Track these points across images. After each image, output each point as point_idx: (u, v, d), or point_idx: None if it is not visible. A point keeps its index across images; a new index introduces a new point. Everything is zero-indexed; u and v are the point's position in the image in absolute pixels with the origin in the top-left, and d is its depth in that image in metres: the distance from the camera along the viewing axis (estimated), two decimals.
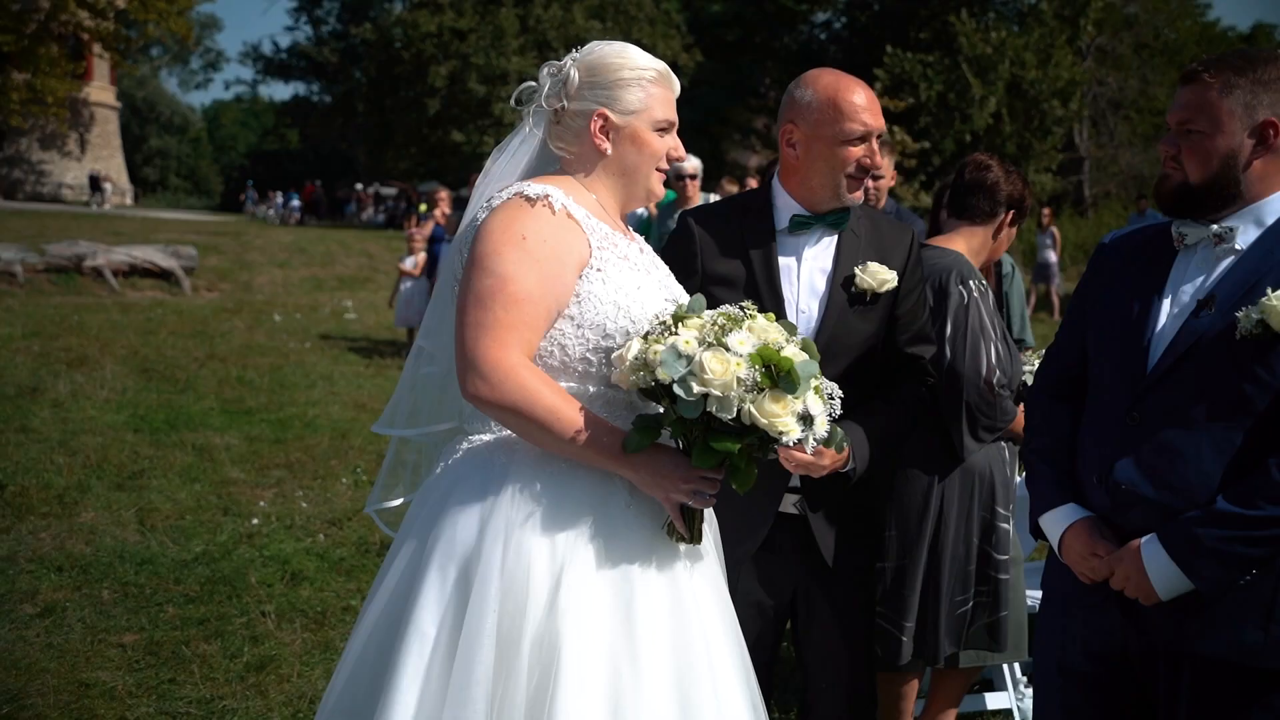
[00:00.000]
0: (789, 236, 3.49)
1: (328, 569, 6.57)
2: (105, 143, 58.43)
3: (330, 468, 8.80)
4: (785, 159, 3.53)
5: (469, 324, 2.65)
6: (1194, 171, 2.83)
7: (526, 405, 2.60)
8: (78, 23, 46.73)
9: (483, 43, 46.28)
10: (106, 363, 12.70)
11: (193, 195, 79.67)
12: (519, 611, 2.54)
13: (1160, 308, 2.89)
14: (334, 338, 16.44)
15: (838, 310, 3.44)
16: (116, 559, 6.50)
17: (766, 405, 2.51)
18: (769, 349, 2.55)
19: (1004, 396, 4.01)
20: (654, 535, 2.74)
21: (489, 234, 2.71)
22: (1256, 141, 2.79)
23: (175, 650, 5.36)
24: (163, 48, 74.08)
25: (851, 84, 3.47)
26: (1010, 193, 4.32)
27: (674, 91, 2.97)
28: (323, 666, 5.27)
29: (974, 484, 4.11)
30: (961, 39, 38.38)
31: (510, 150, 2.98)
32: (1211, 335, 2.77)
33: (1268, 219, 2.82)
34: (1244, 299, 2.74)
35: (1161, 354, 2.84)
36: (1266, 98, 2.77)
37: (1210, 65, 2.82)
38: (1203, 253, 2.88)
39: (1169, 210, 2.91)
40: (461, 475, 2.75)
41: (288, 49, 60.57)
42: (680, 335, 2.57)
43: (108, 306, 17.52)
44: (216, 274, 23.03)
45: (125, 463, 8.57)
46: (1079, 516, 2.97)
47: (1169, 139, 2.89)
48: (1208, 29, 55.19)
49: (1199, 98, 2.81)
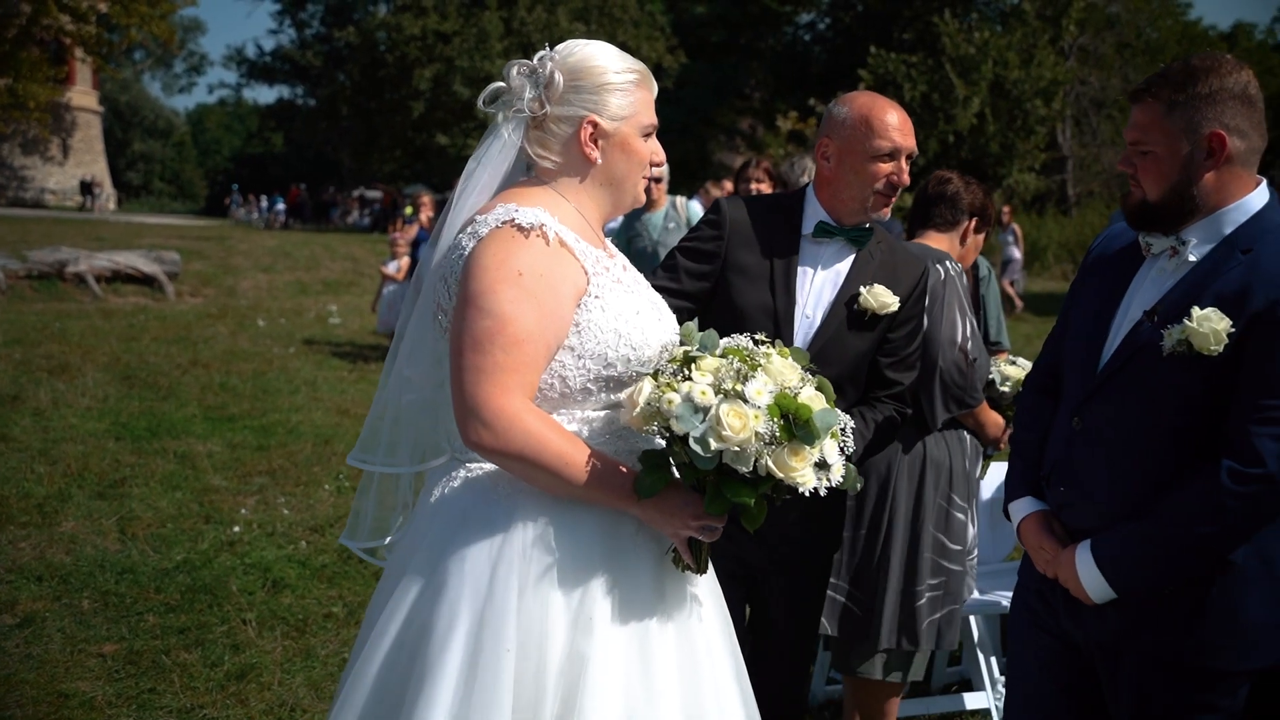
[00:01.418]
0: (811, 243, 3.67)
1: (309, 576, 6.56)
2: (88, 147, 58.27)
3: (313, 474, 8.79)
4: (820, 171, 3.72)
5: (468, 368, 2.52)
6: (1151, 189, 2.87)
7: (534, 453, 2.51)
8: (59, 27, 46.50)
9: (467, 46, 46.27)
10: (88, 370, 12.65)
11: (177, 199, 79.52)
12: (538, 653, 2.49)
13: (1118, 316, 2.96)
14: (318, 343, 16.41)
15: (837, 324, 3.61)
16: (97, 568, 6.48)
17: (785, 459, 2.45)
18: (787, 397, 2.48)
19: (976, 370, 4.21)
20: (660, 561, 2.70)
21: (483, 270, 2.56)
22: (1205, 154, 2.80)
23: (155, 659, 5.35)
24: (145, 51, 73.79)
25: (885, 105, 3.68)
26: (971, 202, 4.56)
27: (654, 93, 2.86)
28: (304, 674, 5.27)
29: (931, 470, 4.22)
30: (945, 39, 38.48)
31: (489, 159, 2.80)
32: (1147, 347, 2.82)
33: (1225, 229, 2.84)
34: (1181, 313, 2.76)
35: (1105, 363, 2.91)
36: (1209, 111, 2.78)
37: (1153, 84, 2.85)
38: (1162, 263, 2.92)
39: (1136, 226, 2.95)
40: (465, 509, 2.64)
41: (271, 52, 60.36)
42: (696, 382, 2.48)
43: (90, 313, 17.45)
44: (200, 279, 22.94)
45: (106, 471, 8.54)
46: (1034, 509, 3.09)
47: (1125, 158, 2.94)
48: (1189, 28, 55.44)
49: (1147, 118, 2.85)
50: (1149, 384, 2.81)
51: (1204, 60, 2.83)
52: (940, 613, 4.23)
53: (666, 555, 2.70)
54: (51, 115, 51.03)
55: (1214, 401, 2.74)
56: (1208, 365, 2.71)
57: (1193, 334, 2.70)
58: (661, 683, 2.58)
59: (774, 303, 3.58)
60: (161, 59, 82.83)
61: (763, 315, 3.56)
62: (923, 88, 38.57)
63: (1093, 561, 2.84)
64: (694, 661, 2.67)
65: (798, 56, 49.82)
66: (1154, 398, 2.80)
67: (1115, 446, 2.87)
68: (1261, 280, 2.70)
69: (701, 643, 2.70)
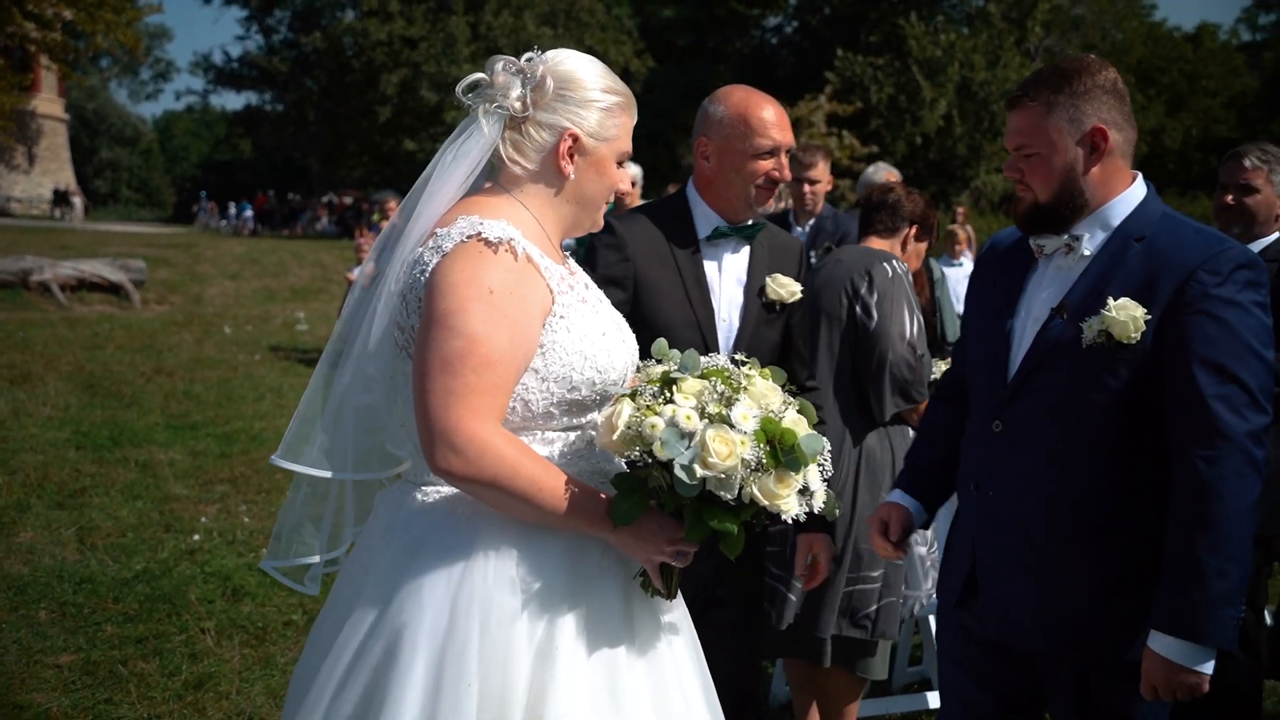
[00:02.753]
0: (708, 245, 3.64)
1: (269, 584, 6.52)
2: (54, 155, 57.81)
3: (275, 481, 8.74)
4: (700, 170, 3.67)
5: (435, 390, 2.38)
6: (1041, 191, 2.91)
7: (507, 479, 2.39)
8: (24, 35, 46.05)
9: (434, 50, 46.17)
10: (50, 379, 12.56)
11: (145, 207, 78.90)
12: (501, 687, 2.39)
13: (1020, 317, 2.99)
14: (284, 349, 16.35)
15: (754, 320, 3.62)
16: (55, 579, 6.43)
17: (770, 486, 2.36)
18: (772, 422, 2.39)
19: (923, 364, 4.35)
20: (628, 586, 2.60)
21: (451, 288, 2.42)
22: (1089, 150, 2.87)
23: (112, 670, 5.32)
24: (112, 59, 73.36)
25: (761, 100, 3.62)
26: (911, 210, 4.72)
27: (634, 121, 2.75)
28: (262, 683, 5.25)
29: (870, 464, 4.31)
30: (911, 42, 38.74)
31: (464, 153, 2.64)
32: (1063, 343, 2.85)
33: (1113, 221, 2.91)
34: (1091, 306, 2.81)
35: (1020, 363, 2.93)
36: (1088, 106, 2.86)
37: (1030, 89, 2.91)
38: (1057, 261, 2.97)
39: (1029, 230, 2.99)
40: (421, 534, 2.51)
41: (239, 58, 59.89)
42: (679, 406, 2.38)
43: (54, 322, 17.32)
44: (167, 287, 22.82)
45: (66, 481, 8.48)
46: (894, 500, 3.29)
47: (1011, 165, 2.98)
48: (1154, 29, 55.94)
49: (1029, 121, 2.90)
50: (1069, 379, 2.84)
51: (1073, 61, 2.92)
52: (880, 603, 4.30)
53: (635, 580, 2.61)
54: (17, 123, 50.57)
55: (1133, 393, 2.77)
56: (1127, 355, 2.75)
57: (1112, 323, 2.74)
58: (630, 708, 2.50)
59: (695, 315, 3.56)
60: (128, 66, 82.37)
61: (687, 329, 3.52)
62: (890, 90, 38.78)
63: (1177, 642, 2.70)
64: (664, 690, 2.58)
65: (765, 59, 50.00)
66: (1075, 392, 2.83)
67: (1039, 444, 2.89)
68: (1164, 266, 2.77)
69: (671, 669, 2.62)
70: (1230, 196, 4.58)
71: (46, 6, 44.26)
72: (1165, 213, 2.90)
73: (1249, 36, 66.03)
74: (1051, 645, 2.90)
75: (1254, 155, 4.56)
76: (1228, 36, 62.52)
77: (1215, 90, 56.13)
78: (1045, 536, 2.88)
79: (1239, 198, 4.55)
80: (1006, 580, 2.95)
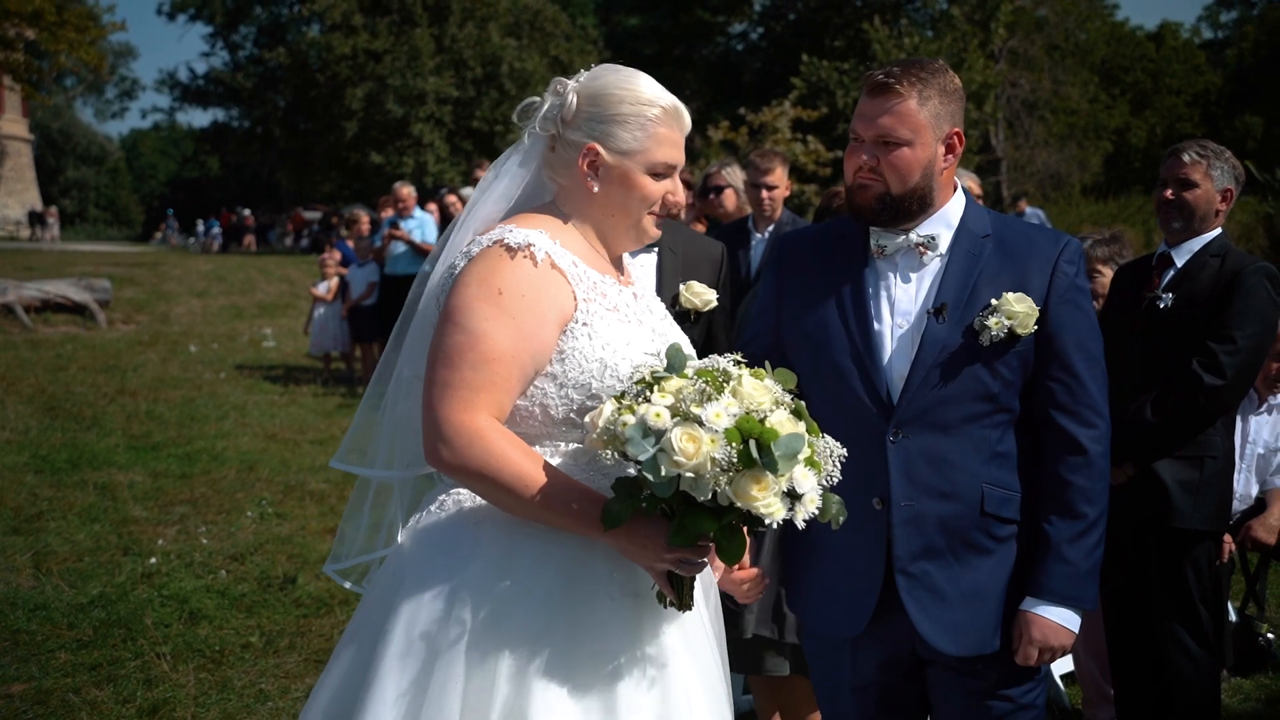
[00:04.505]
0: None
1: (228, 606, 6.45)
2: (19, 176, 57.40)
3: (235, 501, 8.66)
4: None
5: (435, 382, 2.49)
6: (895, 183, 2.89)
7: (493, 470, 2.43)
8: None
9: (398, 64, 45.97)
10: (10, 402, 12.41)
11: (113, 226, 78.40)
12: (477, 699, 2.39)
13: (878, 322, 2.96)
14: (250, 367, 16.21)
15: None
16: (8, 606, 6.33)
17: (745, 487, 2.28)
18: (750, 421, 2.31)
19: None
20: (637, 602, 2.56)
21: (464, 286, 2.54)
22: (946, 150, 2.91)
23: (64, 698, 5.23)
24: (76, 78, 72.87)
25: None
26: None
27: (681, 130, 2.73)
28: (219, 707, 5.18)
29: None
30: (875, 46, 38.82)
31: (507, 171, 2.76)
32: (955, 342, 2.87)
33: (954, 220, 2.96)
34: (970, 304, 2.88)
35: (910, 368, 2.90)
36: (953, 107, 2.90)
37: (900, 76, 2.87)
38: (906, 261, 2.96)
39: (873, 221, 2.96)
40: (429, 534, 2.60)
41: (205, 75, 59.61)
42: (653, 404, 2.33)
43: (18, 344, 17.11)
44: (133, 306, 22.61)
45: (23, 505, 8.37)
46: None
47: (865, 150, 2.91)
48: (1117, 28, 56.31)
49: (901, 109, 2.86)
50: (967, 375, 2.87)
51: (931, 62, 2.93)
52: None
53: (651, 591, 2.57)
54: None
55: (1021, 380, 2.92)
56: (1020, 347, 2.87)
57: (1015, 317, 2.83)
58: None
59: None
60: (93, 85, 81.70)
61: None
62: (856, 94, 38.83)
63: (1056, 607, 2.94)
64: (670, 706, 2.52)
65: (731, 67, 50.04)
66: (975, 386, 2.88)
67: (947, 444, 2.90)
68: (1028, 260, 2.92)
69: (679, 691, 2.55)
70: (1170, 191, 4.59)
71: (9, 27, 43.88)
72: (990, 211, 3.03)
73: (1210, 34, 66.66)
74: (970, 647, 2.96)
75: (1193, 150, 4.58)
76: (1190, 35, 63.07)
77: (1179, 88, 56.62)
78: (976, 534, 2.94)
79: (1178, 192, 4.57)
80: (933, 588, 2.94)
